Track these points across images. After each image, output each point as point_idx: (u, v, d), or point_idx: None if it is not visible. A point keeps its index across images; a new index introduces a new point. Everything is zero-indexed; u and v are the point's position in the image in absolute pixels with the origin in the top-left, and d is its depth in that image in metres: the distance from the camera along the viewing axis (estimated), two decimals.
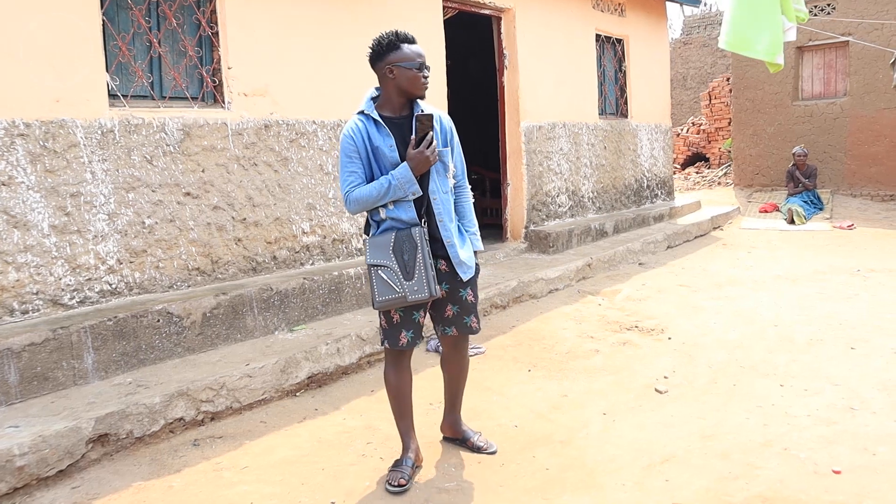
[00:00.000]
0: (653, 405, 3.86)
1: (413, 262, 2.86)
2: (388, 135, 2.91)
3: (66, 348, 3.69)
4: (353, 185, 2.89)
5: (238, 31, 4.82)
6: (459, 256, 3.02)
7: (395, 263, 2.87)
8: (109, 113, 4.18)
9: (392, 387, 3.12)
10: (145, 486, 3.09)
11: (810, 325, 5.19)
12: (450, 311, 3.09)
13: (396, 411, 3.15)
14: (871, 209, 11.21)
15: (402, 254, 2.87)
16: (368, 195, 2.86)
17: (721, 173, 15.19)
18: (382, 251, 2.89)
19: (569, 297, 6.25)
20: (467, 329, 3.14)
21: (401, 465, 3.06)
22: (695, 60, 18.39)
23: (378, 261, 2.89)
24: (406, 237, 2.88)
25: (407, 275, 2.85)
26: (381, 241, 2.91)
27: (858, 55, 11.69)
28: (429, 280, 2.86)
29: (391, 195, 2.86)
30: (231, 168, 4.78)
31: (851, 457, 3.14)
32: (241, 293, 4.49)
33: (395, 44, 2.89)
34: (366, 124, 2.93)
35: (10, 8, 3.75)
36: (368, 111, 2.95)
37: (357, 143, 2.90)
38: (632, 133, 9.70)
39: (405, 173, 2.84)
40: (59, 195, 3.96)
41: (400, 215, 2.91)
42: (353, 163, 2.90)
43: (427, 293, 2.86)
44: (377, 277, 2.89)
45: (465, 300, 3.10)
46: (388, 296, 2.87)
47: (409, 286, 2.85)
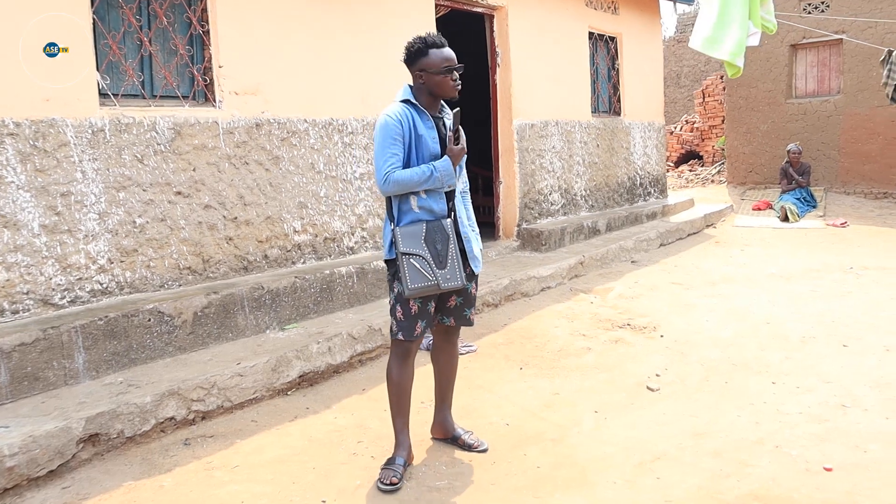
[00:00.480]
0: (645, 403, 3.86)
1: (446, 252, 2.95)
2: (432, 127, 3.03)
3: (57, 348, 3.68)
4: (393, 167, 2.92)
5: (229, 30, 4.81)
6: (473, 250, 3.15)
7: (427, 253, 2.93)
8: (100, 112, 4.16)
9: (395, 382, 3.13)
10: (136, 485, 3.08)
11: (803, 323, 5.21)
12: (453, 302, 3.19)
13: (395, 407, 3.15)
14: (865, 207, 11.24)
15: (434, 244, 2.95)
16: (409, 179, 2.92)
17: (714, 171, 15.21)
18: (414, 240, 2.95)
19: (561, 296, 6.25)
20: (465, 321, 3.25)
21: (393, 463, 3.06)
22: (688, 58, 18.40)
23: (410, 249, 2.93)
24: (438, 228, 2.97)
25: (440, 263, 2.94)
26: (413, 231, 2.96)
27: (852, 53, 11.71)
28: (461, 269, 2.98)
29: (429, 184, 2.95)
30: (222, 167, 4.77)
31: (843, 454, 3.15)
32: (232, 292, 4.48)
33: (423, 50, 3.00)
34: (411, 112, 3.01)
35: (0, 7, 3.73)
36: (413, 100, 3.04)
37: (404, 127, 2.96)
38: (625, 131, 9.70)
39: (448, 166, 2.96)
40: (50, 194, 3.94)
41: (432, 206, 3.01)
42: (396, 145, 2.94)
43: (459, 282, 2.97)
44: (409, 265, 2.93)
45: (470, 293, 3.21)
46: (421, 283, 2.92)
47: (442, 274, 2.93)
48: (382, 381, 4.23)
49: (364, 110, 5.78)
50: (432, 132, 3.02)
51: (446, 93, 3.02)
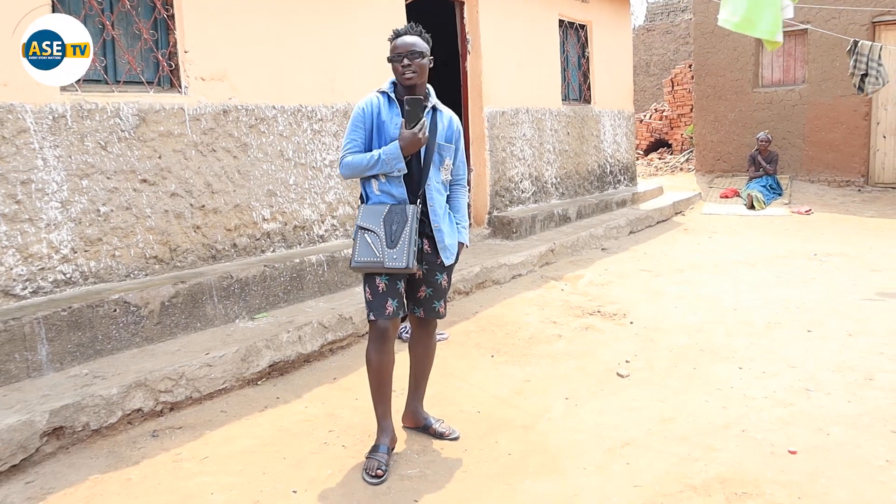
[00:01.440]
0: (614, 389, 3.89)
1: (399, 233, 2.97)
2: (397, 113, 3.07)
3: (19, 340, 3.59)
4: (349, 151, 3.05)
5: (195, 14, 4.71)
6: (444, 241, 3.15)
7: (381, 231, 2.97)
8: (61, 98, 4.06)
9: (374, 367, 3.09)
10: (102, 478, 3.03)
11: (768, 309, 5.29)
12: (423, 293, 3.21)
13: (376, 393, 3.12)
14: (829, 195, 11.44)
15: (391, 224, 2.99)
16: (358, 163, 3.01)
17: (683, 159, 15.36)
18: (374, 217, 3.01)
19: (532, 283, 6.28)
20: (434, 313, 3.25)
21: (377, 451, 3.04)
22: (658, 47, 18.53)
23: (366, 224, 3.00)
24: (399, 210, 3.01)
25: (391, 243, 2.96)
26: (376, 209, 3.03)
27: (816, 43, 11.87)
28: (409, 253, 2.96)
29: (378, 168, 2.99)
30: (189, 154, 4.69)
31: (807, 437, 3.21)
32: (200, 281, 4.42)
33: (391, 39, 3.09)
34: (380, 100, 3.10)
35: None
36: (387, 89, 3.13)
37: (366, 114, 3.06)
38: (595, 119, 9.74)
39: (394, 150, 2.97)
40: (9, 182, 3.84)
41: (391, 191, 3.05)
42: (356, 131, 3.06)
43: (405, 264, 2.95)
44: (361, 240, 2.99)
45: (440, 284, 3.21)
46: (367, 258, 2.97)
47: (389, 254, 2.94)
48: (353, 371, 4.23)
49: (333, 97, 5.72)
50: (397, 118, 3.06)
51: (400, 80, 3.06)
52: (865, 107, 11.54)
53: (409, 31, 3.08)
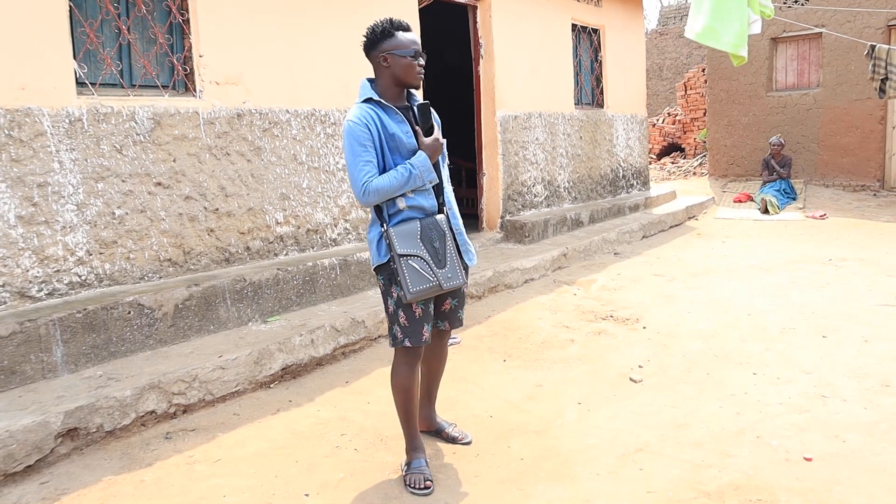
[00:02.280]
0: (627, 394, 3.87)
1: (444, 250, 2.81)
2: (402, 121, 2.83)
3: (35, 341, 3.62)
4: (370, 175, 2.73)
5: (210, 19, 4.74)
6: (466, 242, 3.02)
7: (425, 252, 2.77)
8: (77, 101, 4.09)
9: (404, 388, 2.96)
10: (116, 480, 3.04)
11: (783, 314, 5.25)
12: (448, 305, 3.05)
13: (405, 413, 3.00)
14: (843, 199, 11.36)
15: (431, 242, 2.79)
16: (390, 185, 2.73)
17: (696, 163, 15.30)
18: (411, 240, 2.77)
19: (544, 287, 6.26)
20: (458, 322, 3.14)
21: (420, 466, 2.94)
22: (671, 51, 18.48)
23: (407, 250, 2.76)
24: (433, 225, 2.82)
25: (439, 263, 2.79)
26: (408, 230, 2.79)
27: (831, 47, 11.80)
28: (461, 267, 2.87)
29: (411, 184, 2.77)
30: (203, 158, 4.71)
31: (822, 444, 3.18)
32: (213, 284, 4.44)
33: (389, 31, 2.81)
34: (377, 111, 2.81)
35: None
36: (377, 98, 2.85)
37: (372, 131, 2.76)
38: (608, 123, 9.72)
39: (424, 161, 2.79)
40: (26, 185, 3.87)
41: (422, 203, 2.84)
42: (367, 151, 2.75)
43: (461, 280, 2.85)
44: (408, 267, 2.75)
45: (462, 291, 3.09)
46: (423, 285, 2.76)
47: (443, 273, 2.79)
48: (365, 375, 4.23)
49: (346, 101, 5.73)
50: (404, 126, 2.83)
51: (412, 79, 2.83)
52: (881, 111, 11.46)
53: (408, 26, 2.88)
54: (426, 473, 2.91)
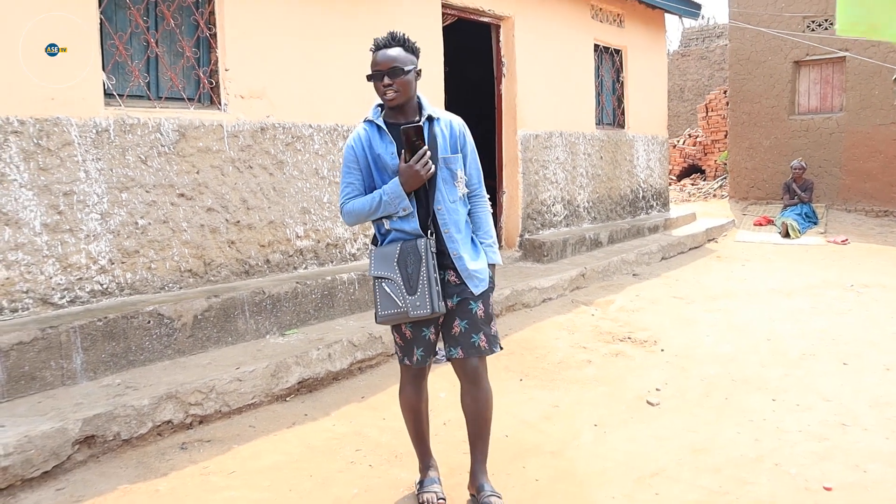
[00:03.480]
0: (644, 417, 3.84)
1: (416, 276, 2.67)
2: (390, 142, 2.75)
3: (55, 348, 3.66)
4: (348, 197, 2.77)
5: (236, 33, 4.81)
6: (469, 268, 2.77)
7: (398, 276, 2.69)
8: (105, 112, 4.16)
9: (409, 406, 2.94)
10: (131, 489, 3.05)
11: (803, 340, 5.19)
12: (457, 328, 2.79)
13: (414, 433, 2.98)
14: (866, 224, 11.25)
15: (405, 266, 2.69)
16: (361, 209, 2.74)
17: (716, 185, 15.23)
18: (387, 263, 2.72)
19: (562, 307, 6.24)
20: (475, 349, 2.79)
21: (431, 484, 2.90)
22: (692, 72, 18.45)
23: (381, 272, 2.72)
24: (411, 249, 2.70)
25: (410, 289, 2.67)
26: (387, 252, 2.74)
27: (855, 71, 11.73)
28: (432, 295, 2.65)
29: (382, 210, 2.71)
30: (226, 170, 4.76)
31: (843, 474, 3.13)
32: (233, 296, 4.47)
33: (373, 50, 2.77)
34: (369, 132, 2.78)
35: (7, 5, 3.73)
36: (373, 117, 2.81)
37: (357, 152, 2.76)
38: (628, 143, 9.71)
39: (395, 188, 2.68)
40: (52, 193, 3.93)
41: (403, 226, 2.74)
42: (350, 174, 2.78)
43: (429, 309, 2.65)
44: (380, 290, 2.71)
45: (475, 314, 2.79)
46: (390, 310, 2.70)
47: (412, 301, 2.66)
48: (382, 390, 4.23)
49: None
50: (391, 147, 2.73)
51: (382, 98, 2.74)
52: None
53: (389, 42, 2.73)
54: (438, 492, 2.88)
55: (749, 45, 12.96)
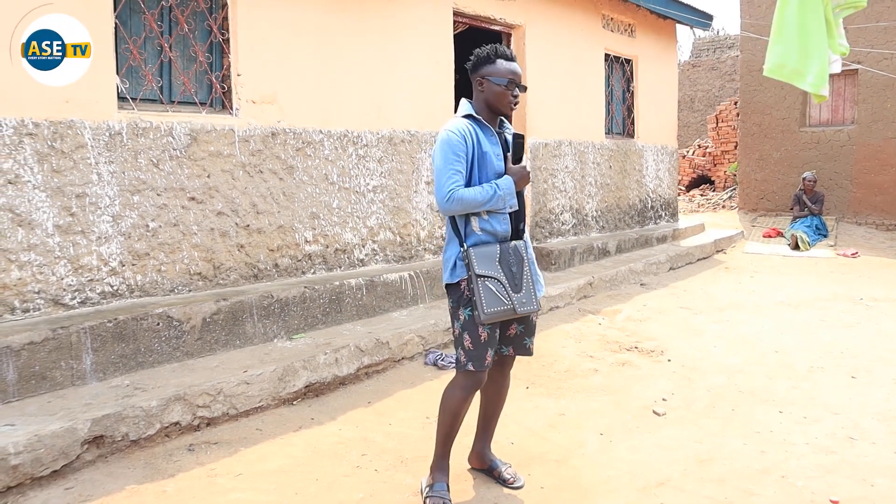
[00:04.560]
0: (650, 427, 3.84)
1: (521, 275, 2.83)
2: (497, 143, 2.91)
3: (66, 348, 3.69)
4: (456, 185, 2.77)
5: (249, 39, 4.85)
6: (537, 272, 3.00)
7: (502, 275, 2.79)
8: (118, 115, 4.20)
9: (454, 412, 2.94)
10: (139, 489, 3.07)
11: (811, 353, 5.17)
12: (514, 330, 3.04)
13: (446, 437, 2.97)
14: (876, 238, 11.20)
15: (509, 266, 2.82)
16: (474, 198, 2.77)
17: (726, 196, 15.20)
18: (489, 262, 2.80)
19: (569, 316, 6.24)
20: (525, 350, 3.08)
21: (441, 489, 2.92)
22: (703, 83, 18.45)
23: (485, 271, 2.78)
24: (512, 250, 2.85)
25: (515, 287, 2.80)
26: (487, 253, 2.82)
27: (867, 84, 11.71)
28: (535, 294, 2.86)
29: (492, 204, 2.80)
30: (236, 174, 4.80)
31: (850, 487, 3.12)
32: (241, 300, 4.49)
33: (490, 57, 2.89)
34: (475, 127, 2.89)
35: (23, 8, 3.77)
36: (477, 115, 2.92)
37: (468, 144, 2.83)
38: (638, 153, 9.71)
39: (510, 185, 2.83)
40: (65, 195, 3.97)
41: (495, 227, 2.86)
42: (459, 162, 2.80)
43: (535, 305, 2.85)
44: (485, 288, 2.77)
45: (531, 320, 3.06)
46: (497, 307, 2.77)
47: (518, 298, 2.80)
48: (388, 396, 4.24)
49: (379, 123, 5.81)
50: (497, 149, 2.90)
51: (503, 107, 2.90)
52: None
53: (514, 56, 2.95)
54: (446, 498, 2.89)
55: (760, 57, 12.89)
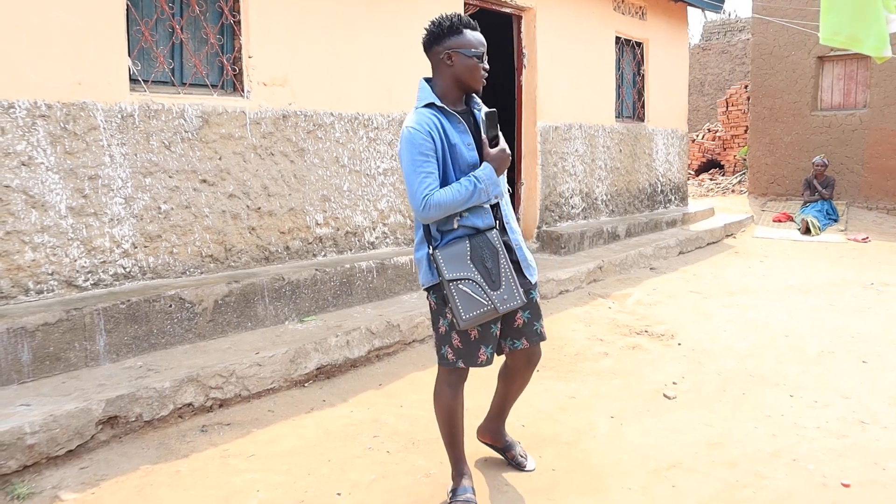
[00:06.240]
0: (661, 410, 3.84)
1: (497, 269, 2.54)
2: (465, 131, 2.61)
3: (79, 329, 3.71)
4: (431, 189, 2.49)
5: (260, 21, 4.83)
6: (527, 257, 2.78)
7: (476, 274, 2.52)
8: (130, 97, 4.20)
9: (448, 410, 2.77)
10: (153, 469, 3.10)
11: (822, 337, 5.16)
12: (520, 319, 2.76)
13: (450, 437, 2.80)
14: (887, 223, 11.13)
15: (482, 262, 2.54)
16: (453, 199, 2.50)
17: (735, 181, 15.12)
18: (460, 262, 2.53)
19: (579, 299, 6.24)
20: (538, 336, 2.82)
21: (465, 492, 2.75)
22: (713, 66, 18.29)
23: (456, 274, 2.52)
24: (484, 243, 2.55)
25: (493, 284, 2.53)
26: (456, 252, 2.54)
27: (880, 67, 11.59)
28: (517, 285, 2.57)
29: (475, 199, 2.53)
30: (248, 157, 4.79)
31: (861, 471, 3.12)
32: (253, 282, 4.51)
33: (457, 27, 2.60)
34: (439, 118, 2.58)
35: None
36: (441, 104, 2.61)
37: (435, 139, 2.53)
38: (648, 137, 9.66)
39: (490, 174, 2.54)
40: (78, 177, 3.98)
41: (476, 223, 2.59)
42: (429, 162, 2.51)
43: (519, 300, 2.57)
44: (459, 293, 2.51)
45: (535, 302, 2.80)
46: (477, 311, 2.52)
47: (499, 296, 2.54)
48: (399, 378, 4.26)
49: (389, 106, 5.79)
50: (466, 137, 2.61)
51: (475, 82, 2.61)
52: None
53: (475, 25, 2.65)
54: (472, 500, 2.74)
55: (772, 40, 12.83)
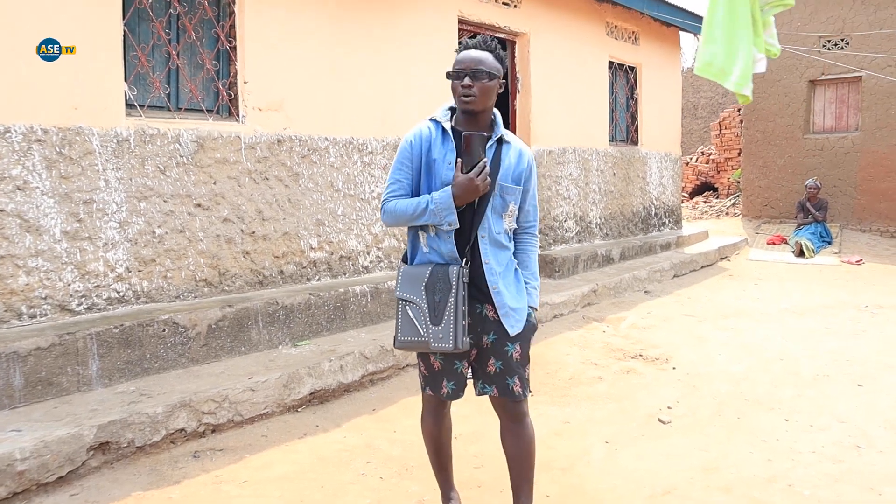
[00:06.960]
0: (655, 435, 3.83)
1: (443, 305, 2.43)
2: (451, 149, 2.51)
3: (72, 354, 3.70)
4: (391, 195, 2.53)
5: (255, 46, 4.87)
6: (507, 304, 2.53)
7: (423, 301, 2.46)
8: (126, 122, 4.22)
9: (430, 436, 2.77)
10: (144, 496, 3.07)
11: (817, 360, 5.16)
12: (492, 367, 2.57)
13: (435, 463, 2.82)
14: (881, 245, 11.18)
15: (433, 292, 2.46)
16: (403, 211, 2.49)
17: (729, 203, 15.19)
18: (414, 285, 2.49)
19: (573, 323, 6.23)
20: (508, 393, 2.57)
21: None
22: (706, 90, 18.45)
23: (406, 294, 2.50)
24: (442, 275, 2.46)
25: (434, 318, 2.44)
26: (415, 274, 2.51)
27: (871, 90, 11.71)
28: (457, 329, 2.42)
29: (426, 218, 2.45)
30: (242, 181, 4.81)
31: (857, 496, 3.11)
32: (246, 306, 4.50)
33: (458, 50, 2.57)
34: (432, 132, 2.56)
35: (32, 15, 3.80)
36: (441, 118, 2.58)
37: (414, 150, 2.53)
38: (641, 160, 9.72)
39: (446, 199, 2.42)
40: (73, 201, 3.98)
41: (440, 247, 2.51)
42: (400, 171, 2.54)
43: (452, 344, 2.41)
44: (403, 314, 2.50)
45: (510, 357, 2.55)
46: (411, 337, 2.48)
47: (434, 332, 2.43)
48: (393, 403, 4.23)
49: (384, 130, 5.82)
50: (450, 155, 2.50)
51: (457, 101, 2.52)
52: None
53: (479, 44, 2.54)
54: None
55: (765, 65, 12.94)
